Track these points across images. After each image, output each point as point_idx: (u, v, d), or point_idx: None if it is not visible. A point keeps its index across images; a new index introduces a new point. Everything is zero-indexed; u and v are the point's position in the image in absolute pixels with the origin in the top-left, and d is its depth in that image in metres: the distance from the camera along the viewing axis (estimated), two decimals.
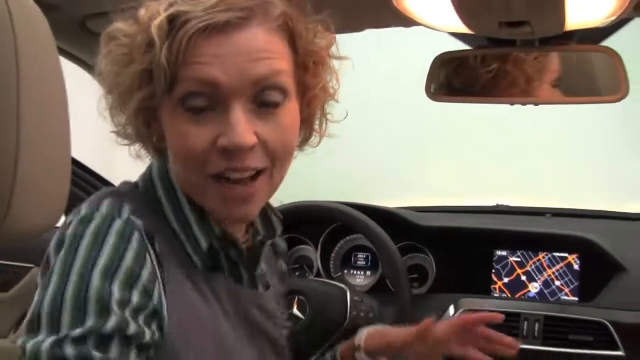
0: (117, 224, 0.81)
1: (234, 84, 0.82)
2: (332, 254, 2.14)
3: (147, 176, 0.95)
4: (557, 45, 1.40)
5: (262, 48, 0.84)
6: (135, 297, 0.78)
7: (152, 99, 0.86)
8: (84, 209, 0.84)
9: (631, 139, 3.13)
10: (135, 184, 0.96)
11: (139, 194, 0.93)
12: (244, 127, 0.82)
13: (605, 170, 3.15)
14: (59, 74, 0.71)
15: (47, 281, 0.78)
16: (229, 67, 0.82)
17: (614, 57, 1.34)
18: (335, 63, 0.96)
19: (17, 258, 1.97)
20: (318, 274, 2.09)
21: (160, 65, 0.81)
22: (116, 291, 0.76)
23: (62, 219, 0.81)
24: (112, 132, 0.94)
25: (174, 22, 0.82)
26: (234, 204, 0.87)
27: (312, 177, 1.04)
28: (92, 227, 0.80)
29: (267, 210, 1.04)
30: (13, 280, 1.98)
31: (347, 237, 2.14)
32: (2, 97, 0.61)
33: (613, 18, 1.23)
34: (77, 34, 1.52)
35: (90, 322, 0.74)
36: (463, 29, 1.31)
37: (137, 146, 0.95)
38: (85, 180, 2.05)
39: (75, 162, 1.96)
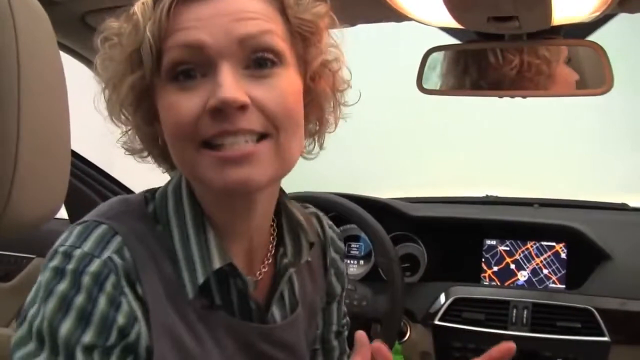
0: (94, 266, 0.79)
1: (220, 45, 0.78)
2: None
3: (164, 190, 0.91)
4: (544, 40, 1.41)
5: (247, 9, 0.80)
6: (107, 341, 0.78)
7: (143, 80, 0.82)
8: (74, 234, 0.82)
9: (617, 132, 3.16)
10: (153, 195, 0.91)
11: (148, 212, 0.89)
12: (231, 83, 0.77)
13: (592, 162, 3.17)
14: (59, 68, 0.72)
15: (33, 302, 0.79)
16: (213, 28, 0.78)
17: (599, 51, 1.36)
18: (339, 44, 0.91)
19: (18, 249, 1.99)
20: None
21: (146, 40, 0.79)
22: (87, 336, 0.76)
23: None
24: (118, 141, 0.90)
25: (158, 2, 0.80)
26: (231, 166, 0.78)
27: (307, 170, 1.02)
28: (71, 265, 0.78)
29: (299, 231, 0.97)
30: (15, 271, 1.99)
31: (341, 227, 2.15)
32: (4, 91, 0.62)
33: (598, 13, 1.24)
34: (77, 30, 1.53)
35: None
36: (453, 23, 1.32)
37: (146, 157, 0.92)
38: (84, 172, 2.06)
39: (75, 155, 1.97)
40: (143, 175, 1.02)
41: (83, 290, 0.77)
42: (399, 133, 3.42)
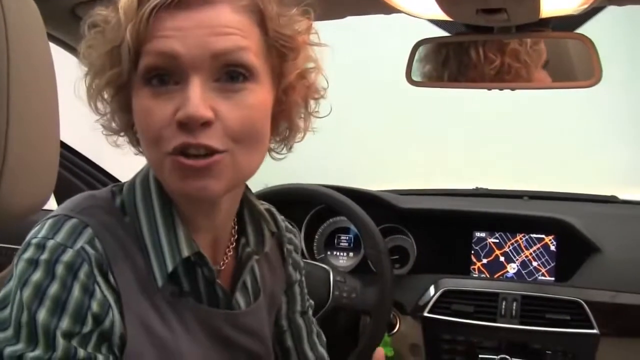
0: (67, 255, 0.81)
1: (193, 57, 0.80)
2: (316, 236, 2.17)
3: (132, 180, 0.94)
4: (533, 32, 1.42)
5: (226, 24, 0.82)
6: (83, 327, 0.80)
7: (120, 77, 0.85)
8: (46, 227, 0.84)
9: (607, 125, 3.17)
10: (120, 189, 0.94)
11: (116, 205, 0.92)
12: (199, 100, 0.79)
13: (581, 155, 3.19)
14: (49, 60, 0.72)
15: (9, 294, 0.80)
16: (189, 40, 0.80)
17: (588, 43, 1.37)
18: (321, 57, 0.93)
19: (6, 240, 1.98)
20: (302, 255, 2.10)
21: (125, 41, 0.81)
22: (64, 323, 0.78)
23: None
24: (96, 121, 0.93)
25: (142, 2, 0.81)
26: (190, 176, 0.82)
27: (296, 160, 1.02)
28: (44, 256, 0.80)
29: (260, 222, 1.03)
30: (3, 262, 1.98)
31: (331, 219, 2.18)
32: None
33: (586, 6, 1.25)
34: (67, 21, 1.53)
35: (39, 352, 0.77)
36: (442, 15, 1.33)
37: (120, 138, 0.95)
38: (73, 163, 2.05)
39: (64, 146, 1.97)
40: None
41: (57, 279, 0.80)
42: (388, 125, 3.42)
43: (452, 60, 1.52)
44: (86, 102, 0.91)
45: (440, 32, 1.53)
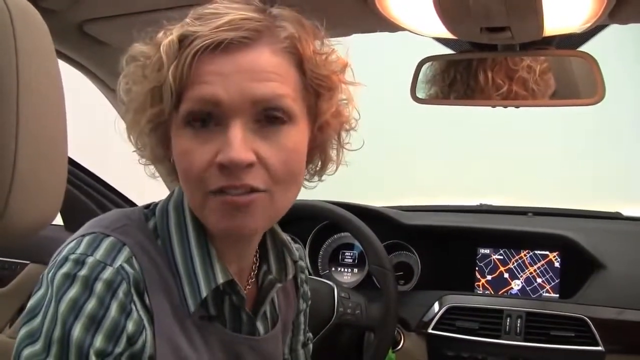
0: (107, 273, 0.81)
1: (234, 103, 0.82)
2: (320, 252, 2.17)
3: (165, 206, 0.95)
4: (536, 50, 1.43)
5: (265, 69, 0.83)
6: (116, 347, 0.80)
7: (161, 116, 0.86)
8: (84, 244, 0.84)
9: (609, 142, 3.18)
10: (153, 211, 0.95)
11: (149, 227, 0.93)
12: (240, 143, 0.81)
13: (584, 172, 3.19)
14: (57, 76, 0.72)
15: (38, 306, 0.80)
16: (230, 85, 0.82)
17: (591, 61, 1.37)
18: (351, 91, 0.95)
19: (12, 254, 1.99)
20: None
21: (167, 83, 0.82)
22: (98, 342, 0.78)
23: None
24: (134, 151, 0.94)
25: (183, 41, 0.83)
26: (231, 213, 0.84)
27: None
28: (83, 272, 0.81)
29: (284, 251, 1.05)
30: (9, 276, 1.99)
31: (335, 236, 2.18)
32: (2, 98, 0.62)
33: (589, 24, 1.26)
34: (75, 38, 1.54)
35: None
36: (446, 34, 1.33)
37: (154, 168, 0.97)
38: (80, 180, 2.06)
39: (71, 162, 1.98)
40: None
41: (95, 296, 0.80)
42: (392, 142, 3.43)
43: (459, 84, 1.53)
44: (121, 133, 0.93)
45: (445, 50, 1.53)
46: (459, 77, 1.54)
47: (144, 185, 1.04)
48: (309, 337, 1.26)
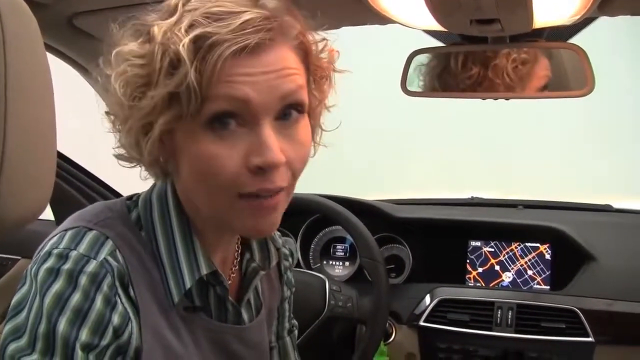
0: (91, 266, 0.82)
1: (264, 101, 0.82)
2: (312, 245, 2.18)
3: (148, 197, 0.95)
4: (526, 42, 1.43)
5: (288, 65, 0.84)
6: (102, 340, 0.80)
7: (176, 121, 0.83)
8: (66, 238, 0.84)
9: (598, 136, 3.19)
10: (136, 202, 0.95)
11: (132, 218, 0.92)
12: (276, 145, 0.82)
13: (574, 165, 3.20)
14: (46, 70, 0.72)
15: (23, 302, 0.80)
16: (259, 85, 0.81)
17: (581, 53, 1.38)
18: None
19: (3, 250, 1.98)
20: (298, 265, 2.12)
21: (190, 86, 0.79)
22: (83, 335, 0.78)
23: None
24: (115, 155, 0.91)
25: (198, 42, 0.80)
26: (262, 215, 0.86)
27: None
28: (67, 266, 0.81)
29: (266, 238, 1.06)
30: (0, 272, 1.98)
31: (326, 229, 2.18)
32: None
33: (578, 17, 1.26)
34: (65, 32, 1.53)
35: None
36: (436, 26, 1.33)
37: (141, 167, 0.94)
38: (69, 173, 2.05)
39: (60, 156, 1.97)
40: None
41: (80, 290, 0.80)
42: (383, 135, 3.43)
43: (448, 76, 1.54)
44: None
45: (436, 43, 1.53)
46: (447, 70, 1.54)
47: (135, 182, 1.03)
48: (294, 324, 1.26)
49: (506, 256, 2.00)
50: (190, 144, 0.84)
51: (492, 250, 2.02)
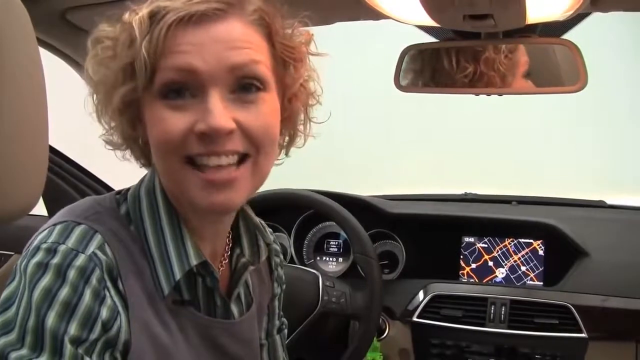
0: (80, 260, 0.82)
1: (211, 71, 0.83)
2: (305, 241, 2.18)
3: (136, 191, 0.95)
4: (520, 38, 1.43)
5: (240, 38, 0.85)
6: (91, 334, 0.80)
7: (135, 92, 0.86)
8: (55, 232, 0.84)
9: (592, 132, 3.20)
10: (125, 197, 0.95)
11: (122, 213, 0.93)
12: (220, 111, 0.83)
13: (568, 161, 3.21)
14: (38, 64, 0.72)
15: (12, 296, 0.80)
16: (206, 54, 0.83)
17: (574, 49, 1.38)
18: (315, 65, 0.97)
19: None
20: (291, 261, 2.12)
21: (141, 57, 0.82)
22: (72, 329, 0.78)
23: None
24: (100, 137, 0.94)
25: (154, 17, 0.83)
26: (215, 189, 0.85)
27: (285, 166, 1.04)
28: (56, 260, 0.81)
29: (257, 233, 1.05)
30: None
31: (320, 225, 2.18)
32: None
33: (571, 12, 1.26)
34: (57, 26, 1.53)
35: (45, 358, 0.77)
36: (430, 22, 1.33)
37: (125, 152, 0.96)
38: (61, 167, 2.05)
39: (52, 150, 1.97)
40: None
41: (68, 284, 0.80)
42: (377, 131, 3.43)
43: (440, 71, 1.54)
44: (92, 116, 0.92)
45: (429, 38, 1.53)
46: (441, 67, 1.55)
47: (127, 177, 1.03)
48: (284, 322, 1.27)
49: (499, 252, 2.01)
50: (150, 116, 0.87)
51: (486, 246, 2.02)
